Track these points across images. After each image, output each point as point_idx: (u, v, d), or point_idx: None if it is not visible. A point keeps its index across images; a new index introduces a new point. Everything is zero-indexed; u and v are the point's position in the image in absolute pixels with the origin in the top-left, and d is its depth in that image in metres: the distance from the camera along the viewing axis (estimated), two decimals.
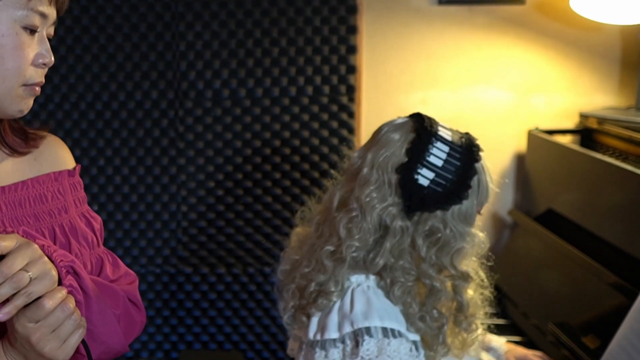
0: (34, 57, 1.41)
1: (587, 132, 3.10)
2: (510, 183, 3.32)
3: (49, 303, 1.26)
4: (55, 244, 1.52)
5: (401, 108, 3.25)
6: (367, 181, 1.85)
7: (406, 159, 1.82)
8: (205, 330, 3.37)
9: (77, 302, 1.35)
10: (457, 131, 1.91)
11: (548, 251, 2.76)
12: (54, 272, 1.29)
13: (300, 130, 3.21)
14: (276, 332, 3.32)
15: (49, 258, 1.32)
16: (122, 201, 3.28)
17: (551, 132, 3.12)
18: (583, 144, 3.10)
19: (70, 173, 1.64)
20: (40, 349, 1.28)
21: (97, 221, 1.70)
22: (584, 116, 3.13)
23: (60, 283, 1.33)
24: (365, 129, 3.22)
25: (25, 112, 1.44)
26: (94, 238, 1.65)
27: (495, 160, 3.29)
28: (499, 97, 3.26)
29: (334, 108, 3.19)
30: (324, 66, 3.16)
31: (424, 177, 1.80)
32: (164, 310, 3.35)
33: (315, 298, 1.90)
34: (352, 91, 3.17)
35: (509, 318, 2.83)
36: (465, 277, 1.88)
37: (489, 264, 2.00)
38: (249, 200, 3.27)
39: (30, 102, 1.44)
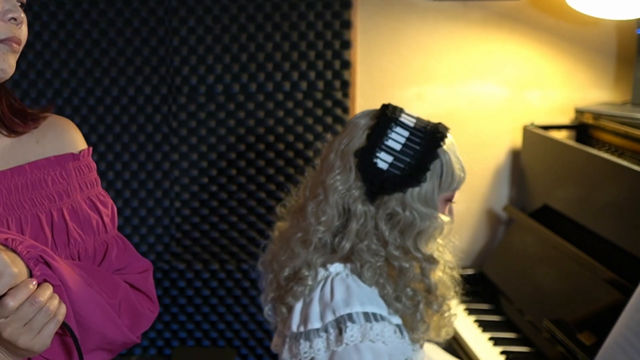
0: (1, 13, 1.38)
1: (583, 128, 3.09)
2: (505, 179, 3.31)
3: (11, 302, 1.24)
4: (52, 228, 1.52)
5: (396, 103, 3.19)
6: (332, 167, 1.92)
7: (365, 144, 1.88)
8: (198, 327, 3.36)
9: (56, 287, 1.33)
10: (425, 120, 1.96)
11: (543, 247, 2.76)
12: (14, 269, 1.26)
13: (294, 125, 3.20)
14: (270, 328, 3.30)
15: (14, 251, 1.31)
16: (115, 197, 3.26)
17: (546, 128, 3.11)
18: (579, 139, 3.10)
19: (75, 156, 1.61)
20: (14, 342, 1.27)
21: (108, 206, 1.66)
22: (579, 112, 3.12)
23: (31, 275, 1.31)
24: None
25: (8, 70, 1.42)
26: (100, 223, 1.62)
27: (491, 156, 3.28)
28: (494, 92, 3.25)
29: (328, 103, 3.18)
30: (318, 61, 3.15)
31: (383, 160, 1.86)
32: None
33: (291, 286, 1.94)
34: (346, 87, 3.16)
35: (504, 314, 2.83)
36: (431, 260, 1.92)
37: (453, 242, 2.04)
38: (242, 196, 3.26)
39: (11, 60, 1.42)
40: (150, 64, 3.16)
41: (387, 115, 1.92)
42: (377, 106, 2.01)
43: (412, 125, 1.91)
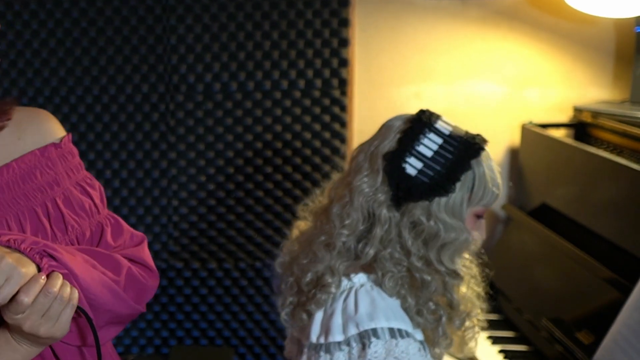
0: None
1: (581, 126, 3.08)
2: (503, 177, 3.30)
3: (25, 298, 1.30)
4: (49, 219, 1.57)
5: (394, 102, 3.23)
6: (360, 168, 1.85)
7: (395, 147, 1.81)
8: (196, 326, 3.35)
9: (65, 275, 1.38)
10: (463, 130, 1.87)
11: (542, 246, 2.75)
12: (22, 268, 1.31)
13: (292, 124, 3.19)
14: (268, 327, 3.30)
15: (19, 251, 1.35)
16: (113, 195, 3.26)
17: (545, 126, 3.10)
18: (577, 138, 3.09)
19: (57, 145, 1.65)
20: (36, 333, 1.33)
21: (96, 188, 1.72)
22: (578, 110, 3.12)
23: (39, 269, 1.36)
24: (358, 123, 3.21)
25: None
26: (92, 205, 1.67)
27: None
28: (492, 90, 3.24)
29: (326, 102, 3.17)
30: (316, 59, 3.14)
31: (412, 166, 1.79)
32: (155, 305, 3.33)
33: (314, 293, 1.87)
34: (344, 85, 3.15)
35: (503, 313, 2.82)
36: (454, 275, 1.84)
37: (482, 259, 1.98)
38: (240, 195, 3.25)
39: None
40: (147, 62, 3.16)
41: (422, 120, 1.82)
42: (374, 104, 1.99)
43: (447, 133, 1.82)
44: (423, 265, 1.82)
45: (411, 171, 1.79)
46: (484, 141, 1.86)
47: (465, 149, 1.82)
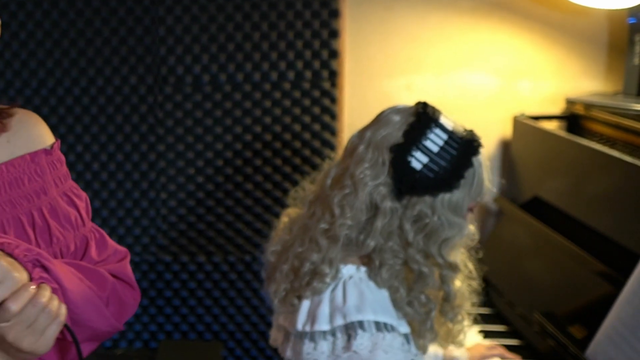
0: None
1: (574, 118, 3.07)
2: (495, 170, 3.29)
3: (14, 306, 1.24)
4: (34, 229, 1.51)
5: (384, 93, 3.22)
6: (362, 159, 1.83)
7: (402, 140, 1.80)
8: (185, 320, 3.34)
9: (53, 290, 1.33)
10: (461, 126, 1.88)
11: (534, 239, 2.74)
12: (16, 273, 1.26)
13: (281, 116, 3.17)
14: (257, 321, 3.29)
15: (11, 256, 1.31)
16: (101, 188, 3.24)
17: (537, 118, 3.09)
18: (570, 130, 3.08)
19: (47, 152, 1.59)
20: (19, 345, 1.27)
21: (82, 198, 1.67)
22: (570, 102, 3.10)
23: (30, 278, 1.31)
24: (348, 115, 3.19)
25: None
26: (78, 217, 1.61)
27: None
28: (484, 82, 3.23)
29: (316, 93, 3.15)
30: (305, 51, 3.12)
31: (418, 160, 1.78)
32: (143, 299, 3.31)
33: (309, 280, 1.87)
34: (334, 76, 3.13)
35: (495, 307, 2.82)
36: (453, 268, 1.86)
37: (478, 256, 2.00)
38: (229, 188, 3.23)
39: None
40: (136, 54, 3.13)
41: (428, 114, 1.83)
42: (365, 95, 1.97)
43: (450, 129, 1.84)
44: (422, 258, 1.84)
45: (416, 165, 1.79)
46: (479, 138, 1.89)
47: (467, 145, 1.84)
